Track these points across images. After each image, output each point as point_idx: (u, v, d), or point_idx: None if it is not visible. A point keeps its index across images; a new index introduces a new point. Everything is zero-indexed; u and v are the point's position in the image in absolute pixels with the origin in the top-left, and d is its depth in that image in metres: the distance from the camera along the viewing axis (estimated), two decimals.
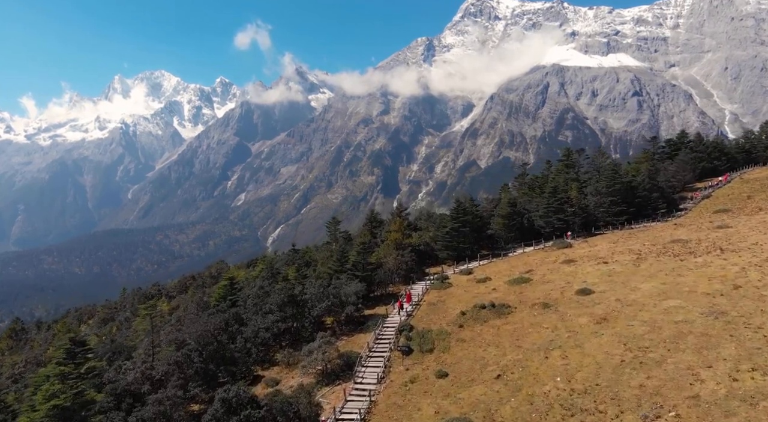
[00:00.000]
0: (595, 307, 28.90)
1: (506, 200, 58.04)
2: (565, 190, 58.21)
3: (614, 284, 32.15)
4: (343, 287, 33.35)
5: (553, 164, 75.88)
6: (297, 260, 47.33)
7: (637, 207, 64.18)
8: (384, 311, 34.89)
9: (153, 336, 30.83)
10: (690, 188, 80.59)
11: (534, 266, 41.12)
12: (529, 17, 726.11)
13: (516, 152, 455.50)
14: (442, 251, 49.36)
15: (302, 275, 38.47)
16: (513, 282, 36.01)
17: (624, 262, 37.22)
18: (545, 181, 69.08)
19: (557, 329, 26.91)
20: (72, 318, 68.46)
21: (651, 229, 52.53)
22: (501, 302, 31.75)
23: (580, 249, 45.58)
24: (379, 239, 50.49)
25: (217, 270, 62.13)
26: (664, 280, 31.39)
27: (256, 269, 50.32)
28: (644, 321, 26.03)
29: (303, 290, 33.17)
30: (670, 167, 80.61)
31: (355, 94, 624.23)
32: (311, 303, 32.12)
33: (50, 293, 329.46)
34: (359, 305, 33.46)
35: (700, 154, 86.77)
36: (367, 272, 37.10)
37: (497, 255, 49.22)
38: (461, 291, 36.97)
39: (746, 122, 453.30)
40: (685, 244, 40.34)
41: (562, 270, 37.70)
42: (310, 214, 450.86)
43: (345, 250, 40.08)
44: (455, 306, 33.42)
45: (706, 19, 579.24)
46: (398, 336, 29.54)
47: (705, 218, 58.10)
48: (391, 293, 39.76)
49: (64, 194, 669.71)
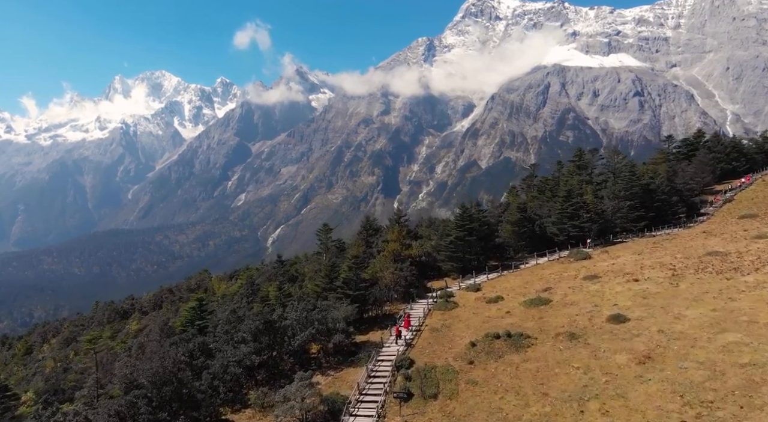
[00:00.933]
0: (634, 340, 23.84)
1: (515, 204, 52.92)
2: (580, 193, 53.09)
3: (652, 310, 27.08)
4: (330, 310, 28.32)
5: (564, 164, 70.58)
6: (281, 274, 42.16)
7: (656, 212, 59.30)
8: (379, 338, 29.84)
9: (98, 375, 25.90)
10: (709, 190, 75.61)
11: (552, 282, 36.01)
12: (530, 17, 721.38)
13: (517, 152, 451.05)
14: (445, 262, 44.29)
15: (285, 294, 33.37)
16: (530, 304, 30.93)
17: (658, 280, 32.11)
18: (556, 183, 64.03)
19: (590, 369, 21.85)
20: (36, 336, 63.06)
21: (677, 237, 47.37)
22: (518, 330, 26.67)
23: (601, 262, 40.47)
24: (375, 249, 45.43)
25: (197, 283, 56.82)
26: (713, 305, 26.32)
27: (235, 285, 45.21)
28: (700, 362, 20.97)
29: (283, 314, 28.12)
30: (688, 168, 75.59)
31: (355, 94, 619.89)
32: (292, 331, 27.11)
33: (49, 293, 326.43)
34: (350, 331, 28.43)
35: (719, 154, 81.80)
36: (360, 290, 32.07)
37: (507, 267, 44.13)
38: (469, 313, 31.89)
39: (748, 123, 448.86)
40: (725, 258, 35.24)
41: (586, 289, 32.60)
42: (311, 214, 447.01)
43: (335, 264, 35.06)
44: (463, 334, 28.35)
45: (707, 19, 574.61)
46: (395, 374, 24.51)
47: (732, 224, 52.99)
48: (387, 314, 34.69)
49: (64, 195, 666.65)
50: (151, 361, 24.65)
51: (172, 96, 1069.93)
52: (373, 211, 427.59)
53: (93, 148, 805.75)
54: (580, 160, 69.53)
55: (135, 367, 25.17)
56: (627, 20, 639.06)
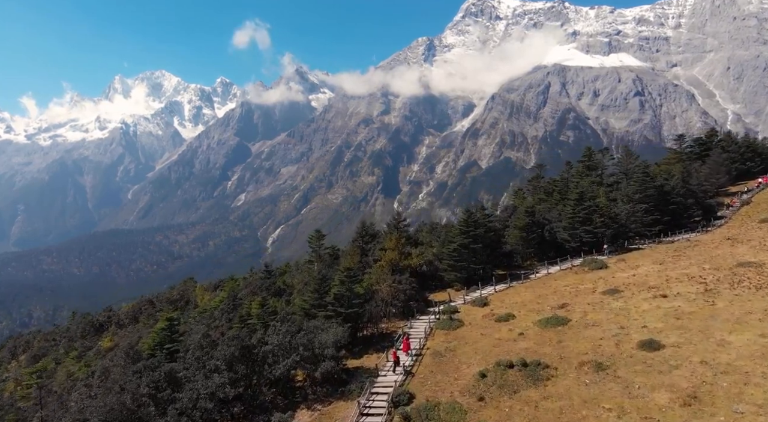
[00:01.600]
0: (673, 374, 20.22)
1: (523, 208, 49.28)
2: (593, 196, 49.44)
3: (689, 334, 23.46)
4: (318, 333, 24.70)
5: (573, 164, 66.85)
6: (266, 287, 38.32)
7: (670, 215, 55.75)
8: (374, 363, 26.24)
9: (43, 414, 22.40)
10: (724, 192, 72.11)
11: (568, 297, 32.38)
12: (530, 17, 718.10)
13: (517, 152, 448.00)
14: (448, 272, 40.65)
15: (268, 312, 29.71)
16: (546, 323, 27.31)
17: (689, 296, 28.48)
18: (565, 185, 60.42)
19: (626, 412, 18.24)
20: (7, 351, 59.18)
21: (699, 244, 43.73)
22: (534, 357, 23.06)
23: (620, 272, 36.85)
24: (372, 257, 41.78)
25: (180, 293, 52.87)
26: (760, 329, 22.71)
27: (217, 298, 41.33)
28: (758, 404, 17.38)
29: (264, 337, 24.50)
30: (701, 168, 72.05)
31: (355, 94, 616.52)
32: (273, 358, 23.51)
33: (49, 294, 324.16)
34: (340, 357, 24.83)
35: (733, 154, 78.28)
36: (353, 307, 28.45)
37: (516, 277, 40.48)
38: (477, 334, 28.26)
39: (749, 122, 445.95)
40: (760, 269, 31.63)
41: (608, 306, 28.96)
42: (311, 214, 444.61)
43: (326, 276, 31.44)
44: (470, 360, 24.74)
45: (708, 18, 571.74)
46: (391, 412, 20.92)
47: (754, 228, 49.43)
48: (384, 334, 31.05)
49: (64, 195, 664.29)
50: (106, 396, 21.07)
51: (172, 96, 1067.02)
52: (373, 211, 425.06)
53: (93, 148, 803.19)
54: (590, 160, 65.88)
55: (86, 405, 21.56)
56: (627, 20, 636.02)
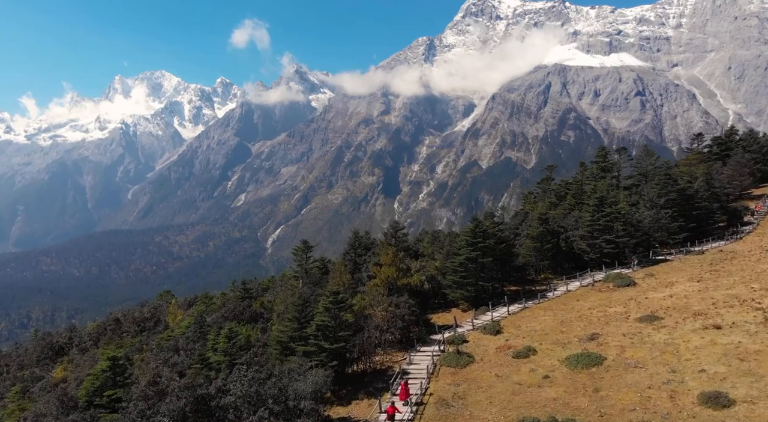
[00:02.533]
0: None
1: (536, 215, 44.22)
2: (613, 202, 44.40)
3: (762, 383, 18.48)
4: (293, 381, 19.72)
5: (587, 166, 61.73)
6: (239, 312, 32.79)
7: (695, 221, 50.76)
8: (364, 413, 21.25)
9: None
10: (747, 195, 67.19)
11: (596, 323, 27.32)
12: (530, 17, 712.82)
13: (518, 152, 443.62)
14: (453, 289, 35.55)
15: (237, 346, 24.45)
16: (575, 363, 22.26)
17: (747, 327, 23.45)
18: (579, 188, 55.42)
19: None
20: None
21: (736, 256, 38.69)
22: (567, 415, 18.05)
23: (652, 291, 31.80)
24: (365, 273, 36.74)
25: (151, 311, 47.31)
26: None
27: (186, 321, 35.69)
28: None
29: (225, 383, 19.54)
30: (723, 170, 67.06)
31: (355, 94, 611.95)
32: (236, 413, 18.56)
33: (48, 294, 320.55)
34: (320, 410, 19.83)
35: (755, 154, 73.30)
36: (340, 341, 23.45)
37: (531, 295, 35.31)
38: (491, 375, 23.20)
39: (750, 122, 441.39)
40: None
41: (649, 338, 23.90)
42: (311, 215, 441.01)
43: (308, 300, 26.46)
44: (485, 414, 19.69)
45: (709, 18, 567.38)
46: None
47: None
48: (378, 370, 25.97)
49: (64, 195, 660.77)
50: None
51: (172, 96, 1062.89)
52: (374, 211, 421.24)
53: (93, 148, 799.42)
54: (605, 161, 60.80)
55: None
56: (628, 19, 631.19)
